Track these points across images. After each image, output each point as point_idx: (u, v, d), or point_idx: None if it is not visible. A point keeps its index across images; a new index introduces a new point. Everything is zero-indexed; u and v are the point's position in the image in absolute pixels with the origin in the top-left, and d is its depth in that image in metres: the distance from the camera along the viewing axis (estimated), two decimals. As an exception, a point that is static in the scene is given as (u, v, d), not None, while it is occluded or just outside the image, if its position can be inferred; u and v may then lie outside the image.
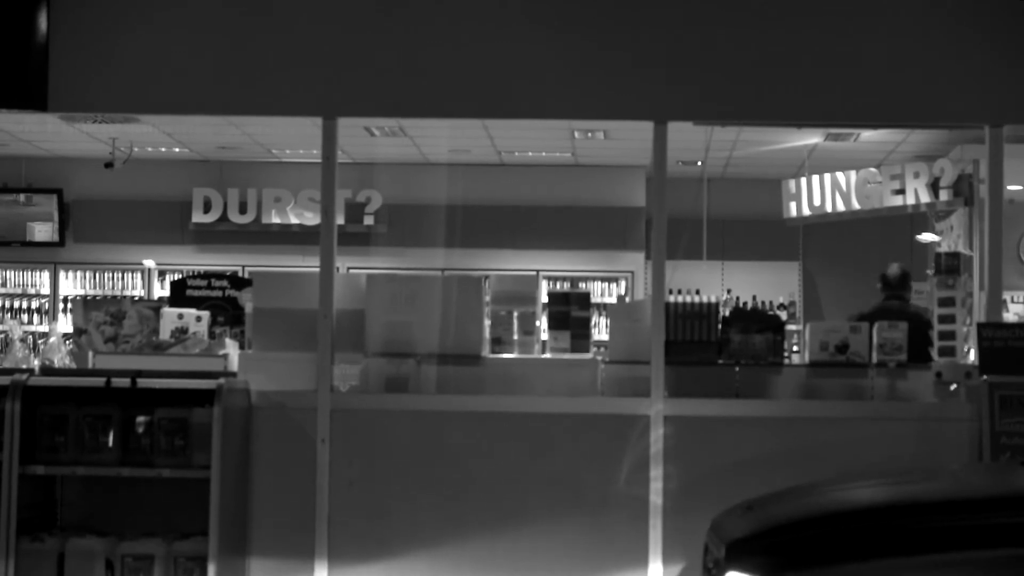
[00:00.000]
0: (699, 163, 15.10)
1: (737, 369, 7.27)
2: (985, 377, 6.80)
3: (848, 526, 4.99)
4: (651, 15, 7.24)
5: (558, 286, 15.65)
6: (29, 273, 16.41)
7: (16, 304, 16.36)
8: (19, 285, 16.43)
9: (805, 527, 5.09)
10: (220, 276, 9.39)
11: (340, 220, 13.58)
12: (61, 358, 8.17)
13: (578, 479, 7.06)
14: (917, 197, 12.88)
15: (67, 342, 8.56)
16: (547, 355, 7.60)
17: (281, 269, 14.24)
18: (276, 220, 16.12)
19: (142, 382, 6.82)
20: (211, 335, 7.96)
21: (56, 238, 16.19)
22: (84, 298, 15.68)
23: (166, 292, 14.37)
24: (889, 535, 4.85)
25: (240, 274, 13.76)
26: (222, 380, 6.82)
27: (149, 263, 16.15)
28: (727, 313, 7.45)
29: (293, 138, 14.46)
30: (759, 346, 7.25)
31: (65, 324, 14.28)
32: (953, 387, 7.14)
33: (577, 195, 16.03)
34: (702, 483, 6.92)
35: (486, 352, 7.40)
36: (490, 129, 13.66)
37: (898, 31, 7.23)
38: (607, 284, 16.24)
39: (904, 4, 7.25)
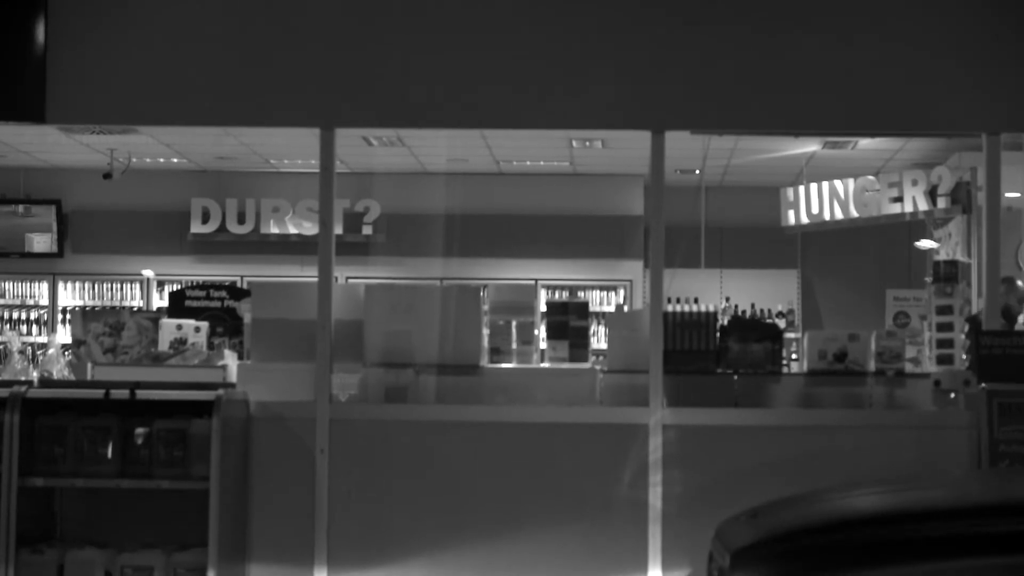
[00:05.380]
0: (697, 172, 15.12)
1: (736, 378, 7.26)
2: (983, 385, 6.81)
3: (854, 534, 4.98)
4: (648, 25, 7.25)
5: (556, 295, 15.66)
6: (28, 284, 16.42)
7: (15, 315, 16.36)
8: (18, 296, 16.43)
9: (811, 535, 5.08)
10: (219, 286, 9.40)
11: (338, 230, 13.65)
12: (60, 369, 8.16)
13: (577, 488, 7.05)
14: (915, 205, 12.90)
15: (66, 353, 8.54)
16: (545, 364, 7.60)
17: (279, 279, 14.24)
18: (274, 230, 16.14)
19: (141, 393, 6.82)
20: (210, 346, 7.96)
21: (55, 249, 16.20)
22: (83, 309, 15.68)
23: (165, 303, 14.38)
24: (897, 543, 4.84)
25: (239, 284, 13.80)
26: (221, 391, 6.82)
27: (148, 273, 16.16)
28: (725, 322, 7.45)
29: (291, 148, 14.48)
30: (758, 355, 7.25)
31: (64, 335, 14.26)
32: (952, 395, 7.14)
33: (575, 204, 16.05)
34: (701, 492, 6.92)
35: (485, 362, 7.40)
36: (488, 138, 13.67)
37: (895, 40, 7.24)
38: (605, 293, 16.25)
39: (901, 13, 7.26)
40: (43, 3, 7.23)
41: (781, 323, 15.24)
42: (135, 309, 15.60)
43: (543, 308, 8.16)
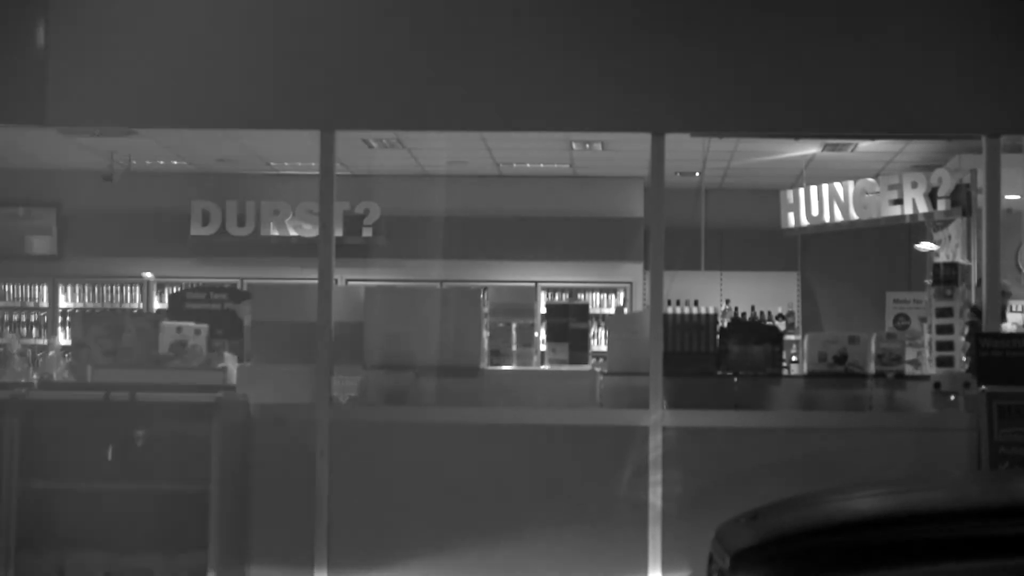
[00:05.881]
0: (697, 174, 15.11)
1: (736, 380, 7.27)
2: (983, 387, 6.81)
3: (854, 536, 4.98)
4: (648, 27, 7.25)
5: (556, 297, 15.65)
6: (28, 286, 16.39)
7: (15, 318, 16.34)
8: (18, 298, 16.41)
9: (811, 537, 5.08)
10: (219, 289, 9.40)
11: (338, 232, 13.61)
12: (60, 372, 8.17)
13: (577, 490, 7.06)
14: (915, 207, 12.89)
15: (66, 356, 8.55)
16: (545, 367, 7.61)
17: (280, 281, 14.23)
18: (275, 232, 16.12)
19: (141, 396, 6.82)
20: (210, 348, 7.96)
21: (55, 251, 16.18)
22: (83, 311, 15.67)
23: (165, 305, 14.38)
24: (897, 545, 4.84)
25: (239, 287, 13.79)
26: (221, 393, 6.83)
27: (148, 276, 16.15)
28: (725, 324, 7.45)
29: (291, 150, 14.47)
30: (758, 357, 7.25)
31: (64, 338, 14.29)
32: (952, 397, 7.14)
33: (575, 206, 16.04)
34: (701, 494, 6.92)
35: (485, 364, 7.40)
36: (488, 141, 13.67)
37: (895, 42, 7.24)
38: (605, 295, 16.23)
39: (901, 16, 7.26)
40: (43, 5, 7.23)
41: (781, 325, 15.21)
42: (135, 311, 15.60)
43: (543, 310, 8.17)
